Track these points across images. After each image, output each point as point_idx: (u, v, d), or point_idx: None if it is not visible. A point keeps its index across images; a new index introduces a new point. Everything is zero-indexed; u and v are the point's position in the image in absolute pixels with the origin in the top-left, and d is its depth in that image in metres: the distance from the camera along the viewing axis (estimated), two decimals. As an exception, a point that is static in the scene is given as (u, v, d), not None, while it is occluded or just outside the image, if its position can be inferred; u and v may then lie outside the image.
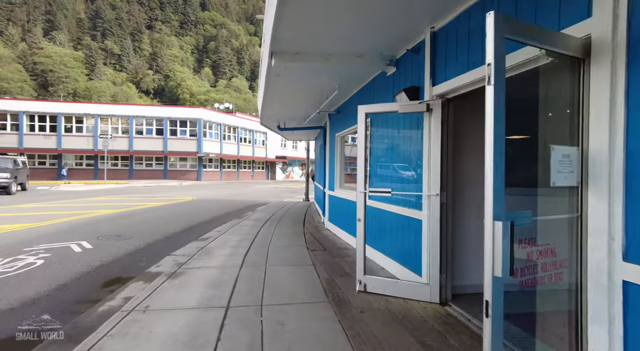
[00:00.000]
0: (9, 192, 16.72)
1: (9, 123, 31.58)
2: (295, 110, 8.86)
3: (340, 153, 8.09)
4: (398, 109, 4.05)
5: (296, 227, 9.12)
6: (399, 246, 4.81)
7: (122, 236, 7.87)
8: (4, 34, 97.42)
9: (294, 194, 22.21)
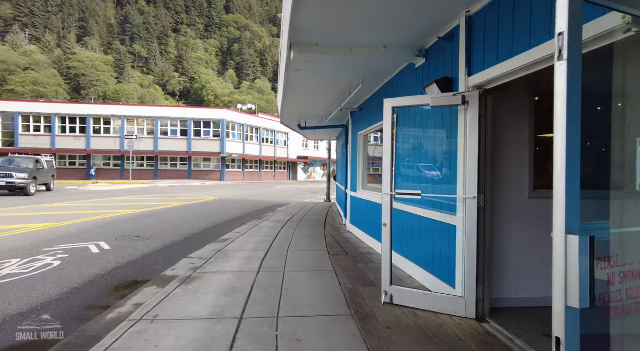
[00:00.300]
0: (27, 192, 16.22)
1: (42, 125, 32.92)
2: (316, 108, 8.54)
3: (362, 152, 7.71)
4: (429, 102, 3.65)
5: (317, 229, 8.80)
6: (429, 253, 4.40)
7: (141, 237, 7.78)
8: (42, 41, 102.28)
9: (315, 195, 21.94)
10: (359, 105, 7.68)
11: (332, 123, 10.06)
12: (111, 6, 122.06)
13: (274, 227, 8.98)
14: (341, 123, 10.22)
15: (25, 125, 32.73)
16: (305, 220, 10.27)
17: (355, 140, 8.09)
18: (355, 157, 8.22)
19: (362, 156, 7.72)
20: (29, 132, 32.79)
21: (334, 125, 10.10)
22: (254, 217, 11.34)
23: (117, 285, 4.67)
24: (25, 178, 16.15)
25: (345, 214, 9.62)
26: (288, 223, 9.56)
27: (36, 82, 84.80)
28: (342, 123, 10.22)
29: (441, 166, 4.14)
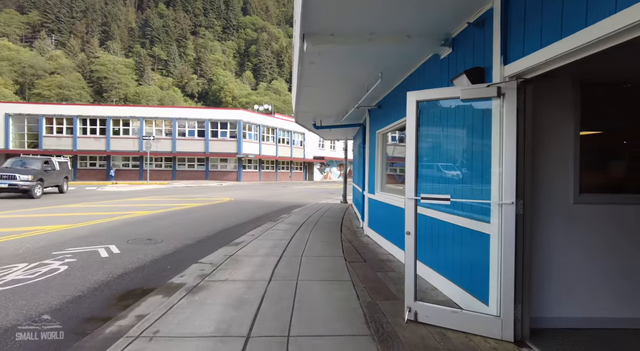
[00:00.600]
0: (31, 195, 15.43)
1: (64, 127, 33.72)
2: (331, 106, 8.17)
3: (381, 152, 7.29)
4: (459, 95, 3.23)
5: (333, 232, 8.43)
6: (456, 263, 3.96)
7: (153, 240, 7.59)
8: (67, 46, 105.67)
9: (332, 195, 21.57)
10: (377, 102, 7.27)
11: (349, 122, 9.66)
12: (132, 10, 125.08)
13: (289, 229, 8.65)
14: (358, 122, 9.82)
15: (48, 127, 33.61)
16: (320, 223, 9.91)
17: (373, 139, 7.68)
18: (373, 157, 7.80)
19: (381, 156, 7.31)
20: (52, 133, 33.65)
21: (351, 124, 9.70)
22: (268, 219, 11.06)
23: (122, 293, 4.42)
24: (28, 180, 15.38)
25: (362, 217, 9.22)
26: (303, 226, 9.23)
27: (61, 86, 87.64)
28: (359, 121, 9.81)
29: (470, 167, 3.70)
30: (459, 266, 3.91)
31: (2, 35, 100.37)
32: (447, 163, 4.25)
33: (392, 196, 6.28)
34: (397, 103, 5.99)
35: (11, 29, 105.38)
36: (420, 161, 4.44)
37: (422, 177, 4.63)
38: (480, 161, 3.50)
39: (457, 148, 4.07)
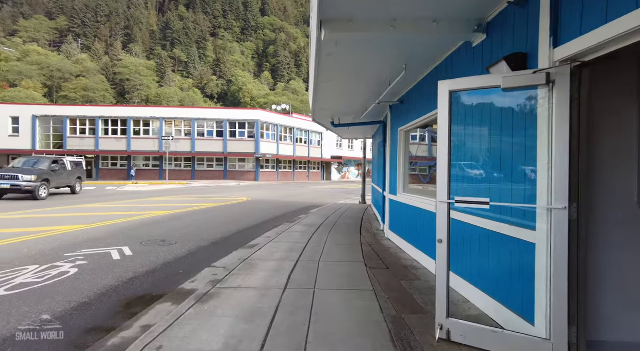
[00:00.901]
0: (36, 196, 14.66)
1: (87, 128, 34.56)
2: (350, 103, 7.80)
3: (403, 151, 6.87)
4: (500, 84, 2.81)
5: (352, 235, 8.05)
6: (492, 274, 3.53)
7: (167, 241, 7.41)
8: (92, 49, 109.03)
9: (350, 196, 21.15)
10: (400, 98, 6.85)
11: (368, 120, 9.26)
12: (153, 13, 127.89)
13: (306, 231, 8.33)
14: (378, 120, 9.40)
15: (72, 128, 34.50)
16: (339, 224, 9.55)
17: (395, 137, 7.26)
18: (394, 156, 7.38)
19: (403, 155, 6.88)
20: (75, 134, 34.52)
21: (370, 121, 9.30)
22: (285, 220, 10.78)
23: (130, 300, 4.19)
24: (31, 181, 14.59)
25: (382, 218, 8.80)
26: (321, 228, 8.89)
27: (86, 88, 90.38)
28: (380, 119, 9.39)
29: (510, 167, 3.26)
30: (495, 277, 3.48)
31: (32, 40, 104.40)
32: (481, 162, 3.82)
33: (416, 198, 5.85)
34: (422, 98, 5.57)
35: (40, 34, 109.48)
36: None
37: (452, 178, 4.21)
38: (523, 159, 3.06)
39: (493, 145, 3.64)
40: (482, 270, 3.73)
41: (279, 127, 38.91)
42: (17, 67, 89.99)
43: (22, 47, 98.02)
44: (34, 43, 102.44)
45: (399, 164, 6.94)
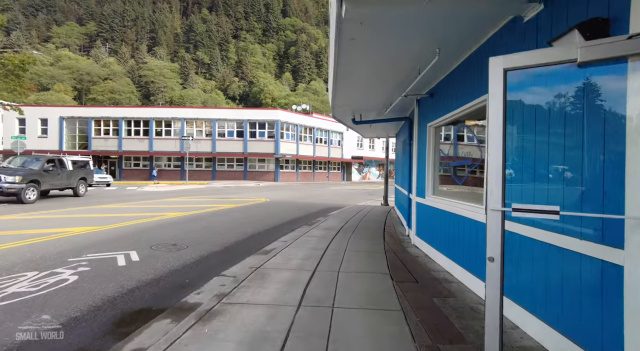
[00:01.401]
0: (22, 199, 13.30)
1: (111, 129, 35.25)
2: (373, 96, 7.17)
3: (433, 149, 6.19)
4: (574, 57, 2.15)
5: (374, 240, 7.42)
6: (554, 300, 2.85)
7: (178, 245, 7.01)
8: (119, 53, 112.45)
9: (371, 197, 20.43)
10: (429, 90, 6.17)
11: (393, 116, 8.60)
12: (177, 17, 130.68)
13: (325, 236, 7.76)
14: (403, 116, 8.72)
15: (96, 128, 35.28)
16: (360, 228, 8.93)
17: (424, 134, 6.59)
18: (422, 154, 6.71)
19: (432, 154, 6.20)
20: (100, 135, 35.28)
21: (395, 117, 8.63)
22: (303, 222, 10.25)
23: (125, 314, 3.73)
24: (15, 182, 13.16)
25: (408, 223, 8.12)
26: (341, 232, 8.30)
27: (113, 90, 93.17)
28: (405, 115, 8.71)
29: (582, 167, 2.59)
30: (556, 303, 2.80)
31: (64, 45, 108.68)
32: (538, 161, 3.14)
33: (449, 202, 5.18)
34: (456, 89, 4.90)
35: (72, 39, 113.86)
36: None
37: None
38: (600, 156, 2.39)
39: (554, 139, 2.96)
40: (538, 292, 3.06)
41: (298, 127, 38.53)
42: (50, 72, 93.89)
43: (55, 52, 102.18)
44: (66, 48, 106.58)
45: (428, 164, 6.26)
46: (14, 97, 24.43)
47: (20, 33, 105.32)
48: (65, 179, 16.31)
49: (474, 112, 4.46)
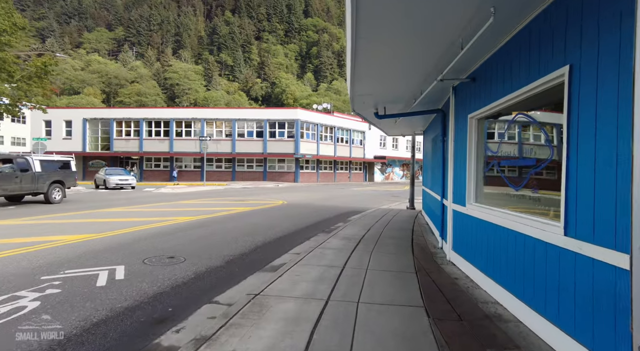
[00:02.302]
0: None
1: (132, 130, 35.45)
2: (400, 83, 6.04)
3: (476, 145, 5.01)
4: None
5: (402, 254, 6.29)
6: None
7: (175, 258, 6.14)
8: (145, 56, 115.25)
9: (396, 199, 19.14)
10: (471, 73, 5.01)
11: (422, 108, 7.42)
12: (201, 19, 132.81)
13: (343, 248, 6.69)
14: (434, 108, 7.53)
15: (118, 130, 35.58)
16: (384, 238, 7.80)
17: (463, 127, 5.41)
18: (461, 153, 5.54)
19: (475, 152, 5.03)
20: (121, 136, 35.55)
21: (424, 110, 7.44)
22: (320, 229, 9.23)
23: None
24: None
25: (441, 233, 6.94)
26: (362, 243, 7.20)
27: (139, 93, 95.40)
28: (436, 107, 7.52)
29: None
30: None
31: (94, 50, 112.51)
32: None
33: (502, 213, 4.00)
34: (514, 65, 3.73)
35: (101, 44, 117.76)
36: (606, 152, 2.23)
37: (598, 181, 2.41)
38: None
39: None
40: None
41: (319, 126, 37.53)
42: (81, 76, 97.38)
43: (85, 57, 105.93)
44: (95, 53, 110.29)
45: (469, 164, 5.09)
46: (36, 99, 24.70)
47: (54, 40, 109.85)
48: (29, 183, 13.49)
49: (542, 95, 3.29)
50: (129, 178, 24.88)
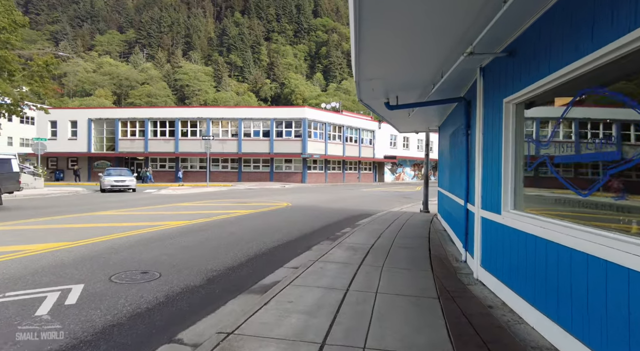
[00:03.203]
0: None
1: (137, 130, 34.91)
2: (416, 63, 4.97)
3: (513, 136, 3.94)
4: None
5: (419, 271, 5.23)
6: None
7: (149, 273, 5.21)
8: (155, 58, 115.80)
9: (407, 201, 17.99)
10: (509, 44, 3.93)
11: (441, 96, 6.34)
12: (211, 21, 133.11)
13: (348, 262, 5.67)
14: (455, 96, 6.45)
15: (123, 130, 35.09)
16: (397, 248, 6.75)
17: (495, 116, 4.33)
18: (493, 147, 4.46)
19: (513, 144, 3.95)
20: (126, 136, 35.06)
21: (444, 99, 6.36)
22: (325, 236, 8.23)
23: None
24: None
25: (465, 244, 5.86)
26: (370, 255, 6.16)
27: (150, 94, 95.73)
28: (458, 94, 6.44)
29: None
30: None
31: (106, 53, 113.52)
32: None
33: (568, 228, 2.92)
34: (583, 20, 2.67)
35: (112, 47, 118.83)
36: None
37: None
38: None
39: None
40: None
41: (327, 125, 36.45)
42: (92, 78, 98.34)
43: (97, 59, 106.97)
44: (107, 55, 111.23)
45: (506, 161, 4.01)
46: (45, 100, 24.25)
47: (67, 43, 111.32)
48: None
49: (630, 59, 2.23)
50: (126, 179, 22.53)
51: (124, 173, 23.32)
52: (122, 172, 23.47)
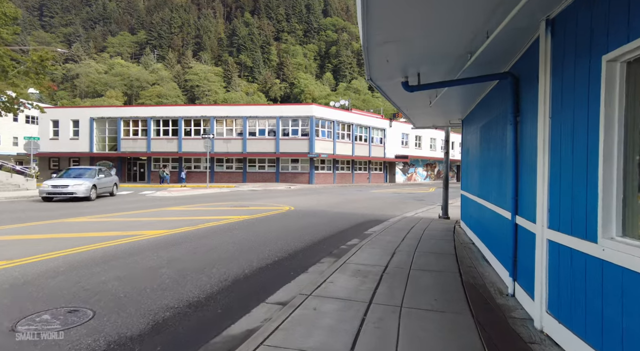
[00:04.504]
0: None
1: (140, 129, 33.85)
2: (449, 19, 3.43)
3: (623, 114, 2.39)
4: None
5: (453, 315, 3.68)
6: None
7: (79, 312, 3.79)
8: (166, 59, 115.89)
9: (422, 204, 16.30)
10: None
11: (476, 73, 4.76)
12: (221, 21, 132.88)
13: (352, 297, 4.15)
14: (497, 71, 4.88)
15: (125, 129, 34.07)
16: (418, 272, 5.19)
17: (578, 89, 2.76)
18: (577, 134, 2.89)
19: (623, 128, 2.38)
20: (129, 136, 34.02)
21: (482, 75, 4.74)
22: (326, 251, 6.75)
23: None
24: None
25: (512, 271, 4.27)
26: (383, 285, 4.62)
27: (160, 95, 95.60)
28: (501, 69, 4.85)
29: None
30: None
31: (117, 54, 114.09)
32: None
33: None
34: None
35: (124, 48, 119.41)
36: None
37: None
38: None
39: None
40: None
41: (335, 123, 34.82)
42: (104, 79, 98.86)
43: (109, 60, 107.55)
44: (118, 56, 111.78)
45: (608, 156, 2.45)
46: (36, 97, 23.32)
47: (80, 45, 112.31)
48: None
49: None
50: (72, 183, 15.69)
51: (85, 175, 16.78)
52: (84, 173, 17.02)
